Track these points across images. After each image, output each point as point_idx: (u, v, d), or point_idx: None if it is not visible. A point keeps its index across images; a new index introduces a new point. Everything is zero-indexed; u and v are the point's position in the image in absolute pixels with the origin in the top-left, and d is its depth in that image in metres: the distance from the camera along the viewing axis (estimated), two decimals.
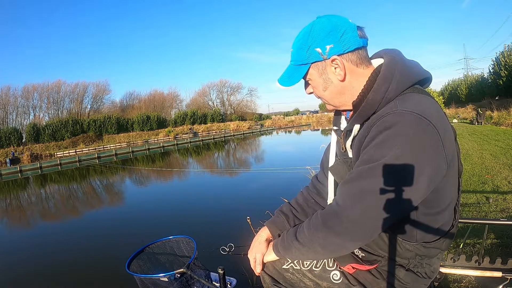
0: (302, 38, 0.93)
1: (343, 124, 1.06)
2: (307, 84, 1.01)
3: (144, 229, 6.67)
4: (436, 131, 0.79)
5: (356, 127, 0.93)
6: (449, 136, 0.84)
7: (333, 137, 1.11)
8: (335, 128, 1.08)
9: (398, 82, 0.86)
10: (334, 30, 0.88)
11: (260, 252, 1.12)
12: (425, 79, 0.93)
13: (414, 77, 0.89)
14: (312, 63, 0.93)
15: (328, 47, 0.89)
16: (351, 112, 0.97)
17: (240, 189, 10.22)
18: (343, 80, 0.92)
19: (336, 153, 1.10)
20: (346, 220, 0.84)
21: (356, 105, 0.92)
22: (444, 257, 1.48)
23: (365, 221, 0.82)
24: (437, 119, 0.80)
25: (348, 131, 0.97)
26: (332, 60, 0.90)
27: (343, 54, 0.90)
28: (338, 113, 1.09)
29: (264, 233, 1.19)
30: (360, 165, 0.84)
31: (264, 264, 1.12)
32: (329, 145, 1.16)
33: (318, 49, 0.90)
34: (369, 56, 0.97)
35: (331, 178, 1.09)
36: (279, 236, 1.12)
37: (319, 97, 1.01)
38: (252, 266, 1.13)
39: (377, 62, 0.96)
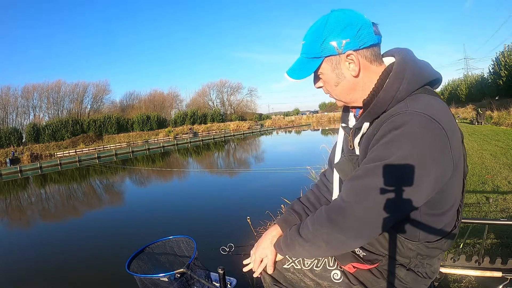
0: (316, 30, 0.91)
1: (352, 121, 1.05)
2: (317, 78, 0.98)
3: (144, 229, 6.65)
4: (444, 133, 0.79)
5: (366, 125, 0.92)
6: (456, 138, 0.84)
7: (340, 134, 1.10)
8: (343, 125, 1.07)
9: (409, 82, 0.86)
10: (351, 25, 0.86)
11: (272, 253, 1.07)
12: (435, 80, 0.92)
13: (425, 77, 0.88)
14: (326, 56, 0.90)
15: (344, 41, 0.87)
16: (361, 110, 0.96)
17: (240, 189, 10.21)
18: (356, 76, 0.91)
19: (342, 149, 1.09)
20: (351, 216, 0.84)
21: (367, 103, 0.92)
22: (444, 257, 1.48)
23: (369, 218, 0.82)
24: (446, 121, 0.80)
25: (357, 128, 0.96)
26: (347, 55, 0.88)
27: (358, 49, 0.88)
28: (346, 110, 1.08)
29: (275, 232, 1.13)
30: (367, 163, 0.84)
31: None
32: (336, 142, 1.14)
33: (334, 43, 0.88)
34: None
35: (336, 175, 1.08)
36: None
37: (328, 93, 0.99)
38: (255, 265, 1.10)
39: (388, 61, 0.95)
